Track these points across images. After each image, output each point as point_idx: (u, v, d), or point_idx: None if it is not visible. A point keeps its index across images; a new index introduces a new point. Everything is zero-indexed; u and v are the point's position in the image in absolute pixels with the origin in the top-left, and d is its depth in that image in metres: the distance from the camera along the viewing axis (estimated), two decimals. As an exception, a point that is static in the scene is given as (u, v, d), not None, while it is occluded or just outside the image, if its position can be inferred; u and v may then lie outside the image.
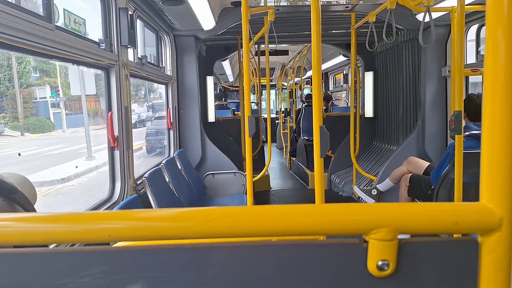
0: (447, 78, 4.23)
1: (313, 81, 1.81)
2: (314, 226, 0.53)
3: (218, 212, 0.53)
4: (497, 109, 0.49)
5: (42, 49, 1.87)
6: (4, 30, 1.55)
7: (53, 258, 0.56)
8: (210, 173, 4.52)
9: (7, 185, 0.86)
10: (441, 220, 0.52)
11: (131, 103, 2.88)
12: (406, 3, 2.94)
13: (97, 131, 15.92)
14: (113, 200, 2.67)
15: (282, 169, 7.97)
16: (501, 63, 0.49)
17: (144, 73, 3.33)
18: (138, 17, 3.23)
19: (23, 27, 1.67)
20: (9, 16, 1.58)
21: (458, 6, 2.46)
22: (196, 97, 4.62)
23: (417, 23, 3.93)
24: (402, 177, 3.68)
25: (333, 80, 10.02)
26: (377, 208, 0.54)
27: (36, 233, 0.52)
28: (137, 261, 0.55)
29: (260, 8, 3.18)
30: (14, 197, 0.86)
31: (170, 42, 4.35)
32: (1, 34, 1.54)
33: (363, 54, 5.58)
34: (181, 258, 0.56)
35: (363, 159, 5.68)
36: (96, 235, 0.52)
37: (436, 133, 4.40)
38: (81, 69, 7.39)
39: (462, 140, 2.49)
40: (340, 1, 3.93)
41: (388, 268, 0.53)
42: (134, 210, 0.55)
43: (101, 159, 9.06)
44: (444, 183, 2.95)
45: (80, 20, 2.31)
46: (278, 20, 3.54)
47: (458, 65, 2.50)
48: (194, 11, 3.43)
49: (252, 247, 0.56)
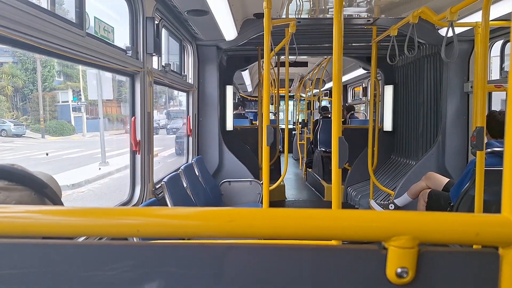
0: (469, 94, 4.17)
1: (333, 92, 1.82)
2: (333, 231, 0.53)
3: (239, 212, 0.55)
4: None
5: (73, 54, 1.95)
6: (40, 36, 1.64)
7: (82, 251, 0.57)
8: (227, 181, 4.55)
9: (38, 179, 0.89)
10: (462, 231, 0.52)
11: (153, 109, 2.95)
12: (429, 18, 2.94)
13: (117, 135, 15.94)
14: (133, 203, 2.73)
15: (298, 180, 7.93)
16: None
17: (167, 80, 3.41)
18: (163, 26, 3.32)
19: (57, 33, 1.75)
20: (45, 23, 1.66)
21: (483, 22, 2.44)
22: (216, 105, 4.68)
23: (440, 37, 3.90)
24: (421, 193, 3.62)
25: (352, 93, 9.98)
26: (397, 215, 0.54)
27: (67, 225, 0.54)
28: (162, 257, 0.57)
29: (282, 20, 3.23)
30: (45, 192, 0.89)
31: (193, 51, 4.44)
32: (37, 39, 1.62)
33: (383, 68, 5.56)
34: (203, 256, 0.57)
35: (380, 173, 5.61)
36: (125, 229, 0.54)
37: (457, 149, 4.32)
38: (100, 73, 7.46)
39: (483, 157, 2.45)
40: (362, 15, 3.95)
41: (407, 276, 0.53)
42: (162, 208, 0.56)
43: (115, 165, 9.13)
44: (464, 200, 2.90)
45: (109, 28, 2.40)
46: (298, 32, 3.57)
47: (481, 81, 2.47)
48: (217, 22, 3.51)
49: (270, 249, 0.57)
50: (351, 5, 3.66)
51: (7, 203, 0.81)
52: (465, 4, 2.48)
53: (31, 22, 1.56)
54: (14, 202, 0.83)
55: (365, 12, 3.88)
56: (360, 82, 8.88)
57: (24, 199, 0.85)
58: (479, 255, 0.55)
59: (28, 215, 0.56)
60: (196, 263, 0.57)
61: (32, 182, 0.88)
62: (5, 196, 0.82)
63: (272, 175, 4.75)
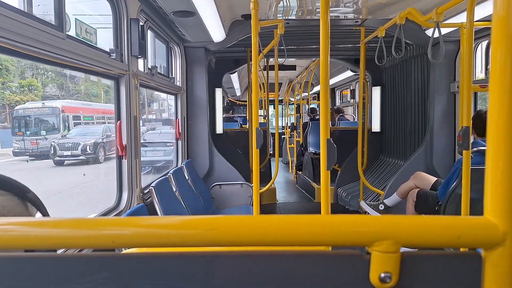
0: (456, 94, 4.22)
1: (321, 94, 1.81)
2: (318, 237, 0.53)
3: (222, 220, 0.53)
4: (502, 123, 0.49)
5: (53, 58, 1.91)
6: (16, 38, 1.59)
7: (58, 263, 0.56)
8: (217, 184, 4.52)
9: (20, 185, 0.89)
10: (444, 234, 0.52)
11: (140, 113, 2.91)
12: (415, 19, 2.96)
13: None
14: (120, 209, 2.68)
15: (288, 183, 7.94)
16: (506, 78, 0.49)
17: (154, 83, 3.37)
18: (149, 28, 3.28)
19: (35, 36, 1.70)
20: (21, 25, 1.62)
21: (468, 23, 2.46)
22: (205, 108, 4.66)
23: (426, 38, 3.94)
24: (409, 192, 3.64)
25: (339, 95, 10.03)
26: (380, 220, 0.53)
27: (41, 237, 0.53)
28: (140, 268, 0.55)
29: (270, 21, 3.22)
30: (27, 196, 0.89)
31: (180, 53, 4.40)
32: (13, 42, 1.58)
33: (371, 69, 5.60)
34: (184, 266, 0.56)
35: (370, 173, 5.64)
36: (99, 241, 0.53)
37: (444, 148, 4.37)
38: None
39: (470, 156, 2.47)
40: (350, 16, 3.96)
41: (390, 281, 0.53)
42: (138, 217, 0.55)
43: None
44: (451, 199, 2.92)
45: (91, 30, 2.35)
46: (287, 33, 3.57)
47: (466, 81, 2.49)
48: (205, 23, 3.48)
49: (255, 256, 0.56)
50: (338, 6, 3.67)
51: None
52: (451, 5, 2.50)
53: (6, 24, 1.52)
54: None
55: (352, 14, 3.90)
56: (348, 84, 8.94)
57: (9, 203, 0.85)
58: (462, 258, 0.55)
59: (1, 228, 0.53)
60: (180, 273, 0.55)
61: (14, 188, 0.88)
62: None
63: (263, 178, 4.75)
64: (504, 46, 0.49)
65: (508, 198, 0.50)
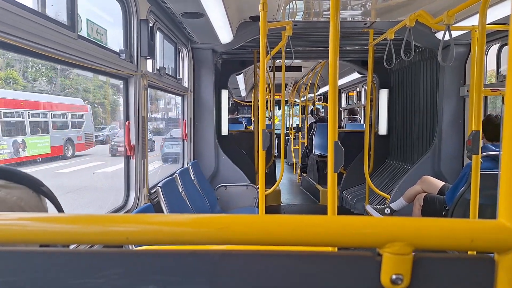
0: (466, 98, 4.18)
1: (329, 96, 1.81)
2: (327, 237, 0.53)
3: (232, 219, 0.54)
4: None
5: (65, 57, 1.93)
6: (30, 38, 1.61)
7: (71, 258, 0.56)
8: (223, 185, 4.53)
9: (35, 178, 0.90)
10: (457, 237, 0.51)
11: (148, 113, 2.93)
12: (426, 21, 2.94)
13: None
14: (127, 208, 2.70)
15: (292, 184, 7.92)
16: None
17: (162, 84, 3.39)
18: (158, 29, 3.30)
19: (47, 35, 1.72)
20: (35, 25, 1.64)
21: (479, 26, 2.44)
22: (211, 109, 4.67)
23: (436, 41, 3.91)
24: (416, 197, 3.61)
25: (346, 97, 9.99)
26: (392, 221, 0.53)
27: (55, 233, 0.53)
28: (150, 265, 0.56)
29: (278, 23, 3.22)
30: (42, 190, 0.90)
31: (188, 54, 4.42)
32: (27, 42, 1.60)
33: (378, 71, 5.57)
34: (194, 264, 0.56)
35: (376, 176, 5.61)
36: (114, 237, 0.53)
37: (453, 153, 4.33)
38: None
39: (479, 161, 2.44)
40: (358, 18, 3.95)
41: (402, 283, 0.52)
42: (151, 214, 0.55)
43: None
44: (459, 204, 2.89)
45: (102, 30, 2.37)
46: (294, 35, 3.57)
47: (477, 85, 2.47)
48: (213, 25, 3.49)
49: (263, 255, 0.56)
50: (347, 8, 3.66)
51: (8, 199, 0.83)
52: (462, 8, 2.48)
53: (21, 24, 1.54)
54: (15, 198, 0.84)
55: (361, 16, 3.88)
56: (354, 86, 8.90)
57: (25, 196, 0.86)
58: (474, 262, 0.54)
59: (15, 223, 0.54)
60: (189, 271, 0.56)
61: (30, 181, 0.89)
62: (6, 193, 0.83)
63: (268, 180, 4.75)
64: None
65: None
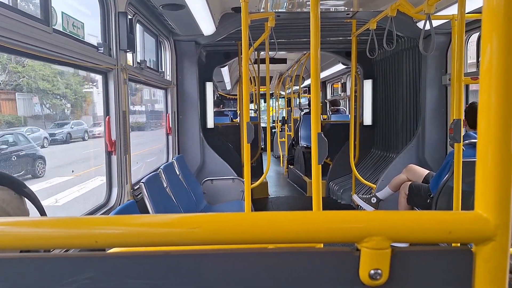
0: (448, 86, 4.23)
1: (312, 88, 1.80)
2: (307, 234, 0.52)
3: (207, 218, 0.52)
4: (492, 116, 0.49)
5: (40, 52, 1.86)
6: (1, 33, 1.55)
7: (42, 263, 0.55)
8: (209, 179, 4.50)
9: (17, 180, 0.91)
10: (435, 229, 0.51)
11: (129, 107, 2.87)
12: (406, 11, 2.94)
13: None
14: (110, 205, 2.65)
15: (279, 177, 7.95)
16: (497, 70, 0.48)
17: (143, 77, 3.32)
18: (137, 22, 3.23)
19: (20, 30, 1.66)
20: (6, 19, 1.57)
21: (459, 15, 2.45)
22: (196, 102, 4.62)
23: (418, 30, 3.93)
24: (402, 185, 3.65)
25: (331, 89, 10.03)
26: (369, 216, 0.52)
27: (23, 238, 0.52)
28: (126, 267, 0.54)
29: (260, 14, 3.18)
30: (24, 191, 0.90)
31: (170, 47, 4.35)
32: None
33: (362, 62, 5.59)
34: (172, 265, 0.54)
35: (362, 166, 5.66)
36: (83, 240, 0.52)
37: (436, 141, 4.39)
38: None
39: (461, 149, 2.48)
40: (341, 8, 3.94)
41: (380, 278, 0.52)
42: (121, 216, 0.54)
43: None
44: (443, 192, 2.93)
45: (78, 24, 2.30)
46: (277, 26, 3.54)
47: (458, 73, 2.49)
48: (194, 16, 3.44)
49: (244, 254, 0.55)
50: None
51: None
52: None
53: None
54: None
55: (343, 6, 3.87)
56: (339, 78, 8.93)
57: (7, 197, 0.87)
58: (453, 253, 0.54)
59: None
60: (166, 273, 0.54)
61: (12, 183, 0.89)
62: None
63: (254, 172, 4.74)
64: (495, 38, 0.48)
65: (499, 192, 0.49)
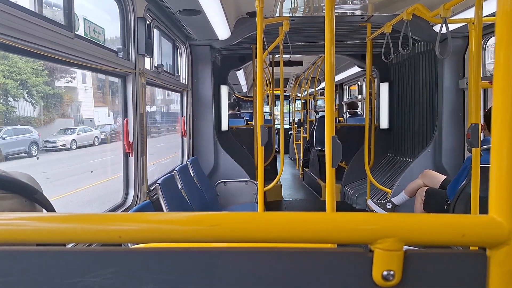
0: (465, 91, 4.16)
1: (326, 91, 1.80)
2: (321, 234, 0.53)
3: (225, 217, 0.54)
4: (506, 120, 0.48)
5: (63, 57, 1.93)
6: (27, 38, 1.61)
7: (67, 257, 0.57)
8: (222, 181, 4.53)
9: (28, 186, 0.87)
10: (448, 232, 0.51)
11: (146, 110, 2.93)
12: (422, 15, 2.93)
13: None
14: (127, 205, 2.70)
15: (295, 179, 7.92)
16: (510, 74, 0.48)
17: (160, 81, 3.38)
18: (155, 27, 3.29)
19: (45, 36, 1.72)
20: (32, 25, 1.63)
21: (476, 18, 2.43)
22: (210, 105, 4.66)
23: (434, 34, 3.89)
24: (418, 191, 3.60)
25: (347, 91, 9.97)
26: (383, 217, 0.53)
27: (48, 232, 0.53)
28: (146, 263, 0.56)
29: (275, 19, 3.21)
30: (35, 197, 0.88)
31: (186, 51, 4.41)
32: (24, 42, 1.59)
33: (378, 65, 5.55)
34: (190, 262, 0.56)
35: (377, 171, 5.60)
36: (106, 236, 0.53)
37: (454, 146, 4.31)
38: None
39: (479, 154, 2.44)
40: (356, 12, 3.93)
41: (393, 279, 0.52)
42: (144, 213, 0.55)
43: None
44: (461, 198, 2.88)
45: (99, 29, 2.37)
46: (292, 30, 3.56)
47: (475, 78, 2.46)
48: (210, 21, 3.48)
49: (258, 253, 0.56)
50: (345, 3, 3.64)
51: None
52: (458, 1, 2.47)
53: (18, 25, 1.54)
54: (8, 211, 0.82)
55: (359, 10, 3.87)
56: (356, 80, 8.87)
57: (15, 207, 0.83)
58: (466, 257, 0.54)
59: (10, 222, 0.54)
60: (185, 269, 0.56)
61: (23, 189, 0.86)
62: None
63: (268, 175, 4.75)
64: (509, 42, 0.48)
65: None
